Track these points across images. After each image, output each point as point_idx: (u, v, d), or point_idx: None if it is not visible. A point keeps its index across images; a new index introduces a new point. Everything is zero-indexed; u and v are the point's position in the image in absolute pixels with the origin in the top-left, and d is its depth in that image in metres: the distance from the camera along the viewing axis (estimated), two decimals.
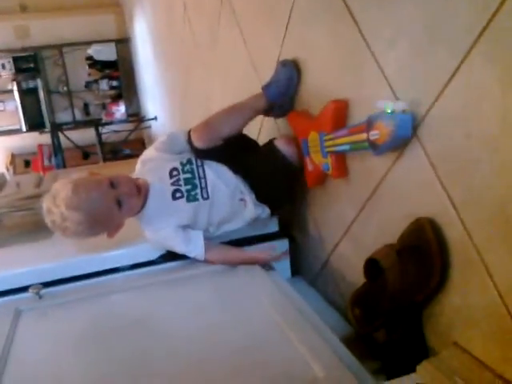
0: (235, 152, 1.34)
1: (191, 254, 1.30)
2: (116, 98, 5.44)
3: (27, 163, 5.37)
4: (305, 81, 1.29)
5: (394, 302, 0.92)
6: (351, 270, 1.24)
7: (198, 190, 1.26)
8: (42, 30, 5.16)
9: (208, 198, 1.26)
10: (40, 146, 4.21)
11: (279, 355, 0.96)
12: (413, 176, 0.92)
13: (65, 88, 5.35)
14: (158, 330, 1.11)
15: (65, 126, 5.20)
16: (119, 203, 1.21)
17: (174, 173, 1.29)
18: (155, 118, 4.39)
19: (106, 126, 4.86)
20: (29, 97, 5.12)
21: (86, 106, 5.54)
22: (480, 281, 0.79)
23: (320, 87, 1.22)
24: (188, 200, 1.26)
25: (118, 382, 0.95)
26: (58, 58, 5.24)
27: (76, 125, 5.39)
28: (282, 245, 1.48)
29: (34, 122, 5.20)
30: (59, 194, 1.17)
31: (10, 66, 5.00)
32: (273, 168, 1.33)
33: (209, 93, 2.39)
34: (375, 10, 0.95)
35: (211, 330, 1.07)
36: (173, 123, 3.75)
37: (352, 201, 1.16)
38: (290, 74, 1.29)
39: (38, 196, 1.75)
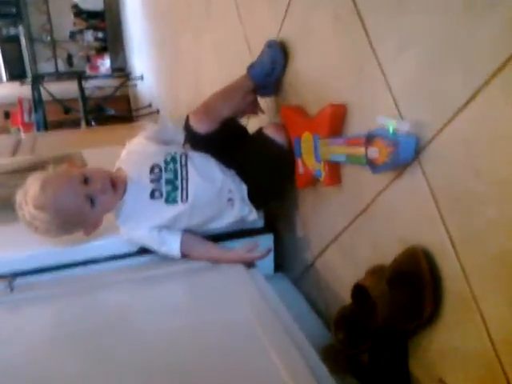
0: (228, 141, 1.28)
1: (166, 254, 1.25)
2: (101, 51, 5.22)
3: (7, 114, 5.17)
4: (302, 73, 1.20)
5: (382, 329, 0.88)
6: (337, 278, 1.20)
7: (178, 192, 1.19)
8: None
9: (187, 200, 1.19)
10: (20, 100, 4.03)
11: (252, 366, 0.92)
12: (410, 200, 0.87)
13: (48, 37, 5.10)
14: (131, 332, 1.06)
15: (47, 78, 4.99)
16: (92, 201, 1.14)
17: (156, 170, 1.22)
18: (141, 78, 4.22)
19: (90, 81, 4.66)
20: (10, 45, 4.89)
21: (69, 57, 5.32)
22: (473, 325, 0.75)
23: (318, 84, 1.14)
24: (167, 201, 1.19)
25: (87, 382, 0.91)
26: (41, 5, 4.96)
27: (58, 76, 5.17)
28: (267, 240, 1.44)
29: (15, 72, 4.98)
30: (29, 190, 1.12)
31: None
32: (266, 157, 1.28)
33: (199, 60, 2.27)
34: (385, 12, 0.86)
35: (184, 333, 1.03)
36: (160, 85, 3.61)
37: (343, 210, 1.11)
38: (275, 56, 1.25)
39: (14, 172, 1.67)
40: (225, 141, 1.26)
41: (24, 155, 2.20)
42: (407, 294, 0.85)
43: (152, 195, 1.21)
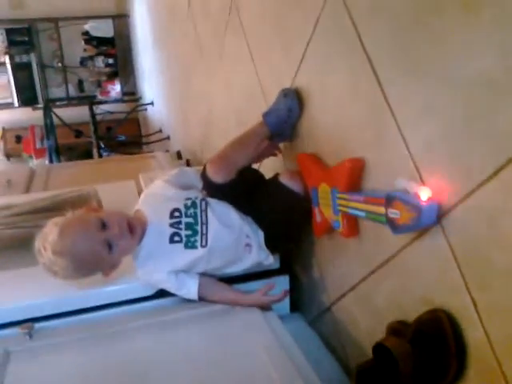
0: (244, 189, 1.29)
1: (184, 297, 1.27)
2: (111, 76, 5.30)
3: (18, 139, 5.24)
4: (317, 123, 1.22)
5: None
6: (355, 325, 1.20)
7: (198, 237, 1.21)
8: (38, 2, 4.95)
9: (206, 245, 1.20)
10: (32, 128, 4.09)
11: None
12: (432, 262, 0.87)
13: (59, 63, 5.18)
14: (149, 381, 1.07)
15: (58, 103, 5.06)
16: (110, 245, 1.16)
17: (176, 214, 1.23)
18: (152, 104, 4.27)
19: (101, 107, 4.73)
20: (22, 71, 4.97)
21: (80, 82, 5.40)
22: None
23: (334, 135, 1.15)
24: (186, 246, 1.21)
25: None
26: (53, 32, 5.05)
27: (69, 101, 5.25)
28: (282, 282, 1.44)
29: (27, 97, 5.06)
30: (48, 236, 1.14)
31: (2, 38, 4.82)
32: (282, 205, 1.29)
33: (210, 97, 2.30)
34: (406, 79, 0.87)
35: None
36: (170, 112, 3.65)
37: (362, 261, 1.11)
38: (291, 105, 1.28)
39: (30, 213, 1.69)
40: (242, 189, 1.27)
41: (38, 190, 2.22)
42: (431, 356, 0.85)
43: (171, 239, 1.22)
